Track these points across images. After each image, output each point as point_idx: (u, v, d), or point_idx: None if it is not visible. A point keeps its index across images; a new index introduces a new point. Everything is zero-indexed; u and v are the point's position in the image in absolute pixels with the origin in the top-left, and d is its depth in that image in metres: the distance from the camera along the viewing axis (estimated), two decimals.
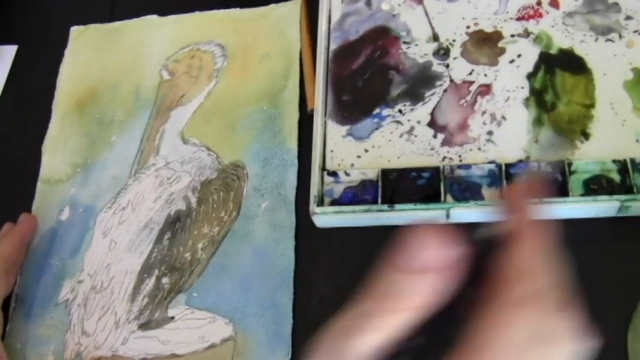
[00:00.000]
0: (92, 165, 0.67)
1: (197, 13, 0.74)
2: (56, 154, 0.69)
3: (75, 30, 0.76)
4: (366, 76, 0.64)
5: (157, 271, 0.60)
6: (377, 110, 0.62)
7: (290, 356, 0.54)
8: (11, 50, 0.77)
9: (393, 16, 0.67)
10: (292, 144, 0.63)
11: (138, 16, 0.75)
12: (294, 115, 0.65)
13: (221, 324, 0.57)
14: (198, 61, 0.70)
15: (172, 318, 0.58)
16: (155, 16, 0.75)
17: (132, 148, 0.67)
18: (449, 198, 0.56)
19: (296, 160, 0.62)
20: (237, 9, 0.73)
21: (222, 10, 0.73)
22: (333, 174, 0.59)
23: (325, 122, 0.62)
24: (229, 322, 0.57)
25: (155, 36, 0.73)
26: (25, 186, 0.67)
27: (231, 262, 0.59)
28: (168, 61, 0.71)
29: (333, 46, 0.66)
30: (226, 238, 0.60)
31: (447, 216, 0.55)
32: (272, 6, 0.72)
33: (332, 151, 0.61)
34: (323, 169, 0.60)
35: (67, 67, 0.74)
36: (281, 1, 0.72)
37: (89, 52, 0.74)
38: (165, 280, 0.59)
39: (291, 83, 0.67)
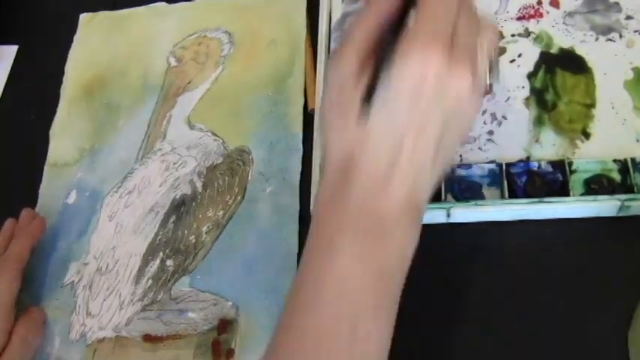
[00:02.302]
0: (99, 149, 0.64)
1: (204, 1, 0.70)
2: (64, 139, 0.65)
3: (84, 17, 0.73)
4: None
5: (161, 254, 0.57)
6: None
7: None
8: (13, 48, 0.74)
9: None
10: (297, 129, 0.60)
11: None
12: (300, 101, 0.61)
13: (224, 306, 0.53)
14: (205, 47, 0.67)
15: (176, 300, 0.54)
16: (163, 4, 0.72)
17: (139, 133, 0.64)
18: (449, 197, 0.53)
19: (300, 145, 0.59)
20: None
21: None
22: None
23: None
24: (232, 304, 0.53)
25: (163, 23, 0.70)
26: (32, 171, 0.64)
27: (235, 246, 0.56)
28: (175, 47, 0.68)
29: (333, 46, 0.62)
30: (231, 221, 0.57)
31: (448, 215, 0.52)
32: None
33: None
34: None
35: (76, 53, 0.71)
36: None
37: (98, 39, 0.71)
38: (169, 262, 0.56)
39: (296, 69, 0.63)
